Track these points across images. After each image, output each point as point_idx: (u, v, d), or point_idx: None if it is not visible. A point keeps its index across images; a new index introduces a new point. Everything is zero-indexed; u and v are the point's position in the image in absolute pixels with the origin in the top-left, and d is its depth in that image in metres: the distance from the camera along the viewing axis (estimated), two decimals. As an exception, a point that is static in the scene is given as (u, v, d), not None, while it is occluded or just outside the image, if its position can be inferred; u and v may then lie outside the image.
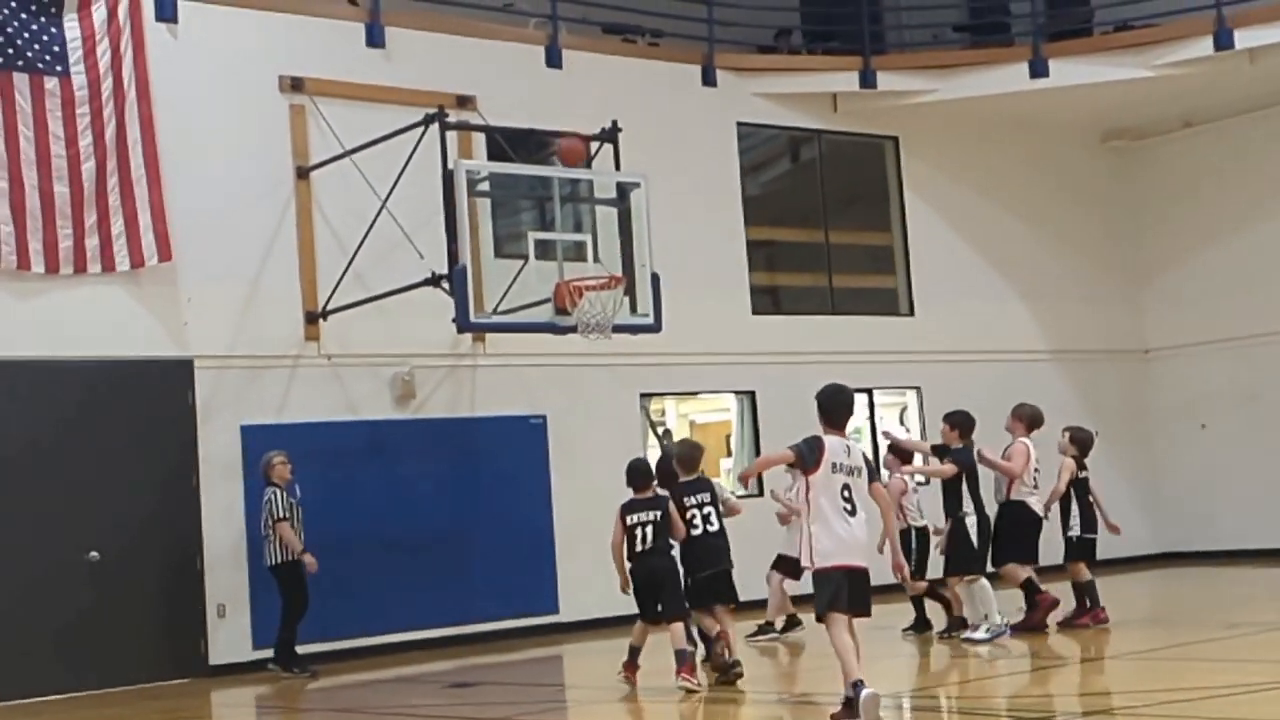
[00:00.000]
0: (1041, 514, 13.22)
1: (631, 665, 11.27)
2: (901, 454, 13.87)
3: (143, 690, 13.63)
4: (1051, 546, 13.54)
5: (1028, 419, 13.50)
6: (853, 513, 8.64)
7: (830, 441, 8.70)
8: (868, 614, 8.89)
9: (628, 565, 11.22)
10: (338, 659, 14.48)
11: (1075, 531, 13.40)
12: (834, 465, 8.61)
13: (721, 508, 11.62)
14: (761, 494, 15.50)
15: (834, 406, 8.90)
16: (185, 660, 14.21)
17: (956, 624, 13.14)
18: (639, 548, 11.14)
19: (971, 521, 12.85)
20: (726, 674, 11.12)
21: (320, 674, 13.86)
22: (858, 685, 8.43)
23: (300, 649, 13.99)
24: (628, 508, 11.26)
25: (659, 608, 11.13)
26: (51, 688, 13.46)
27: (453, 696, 12.31)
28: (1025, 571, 13.09)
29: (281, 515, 13.69)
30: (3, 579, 13.46)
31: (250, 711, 12.92)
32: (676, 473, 11.68)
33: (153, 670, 13.99)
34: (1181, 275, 21.69)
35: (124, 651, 13.89)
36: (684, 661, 10.82)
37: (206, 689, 13.76)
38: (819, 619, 8.72)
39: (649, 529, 11.13)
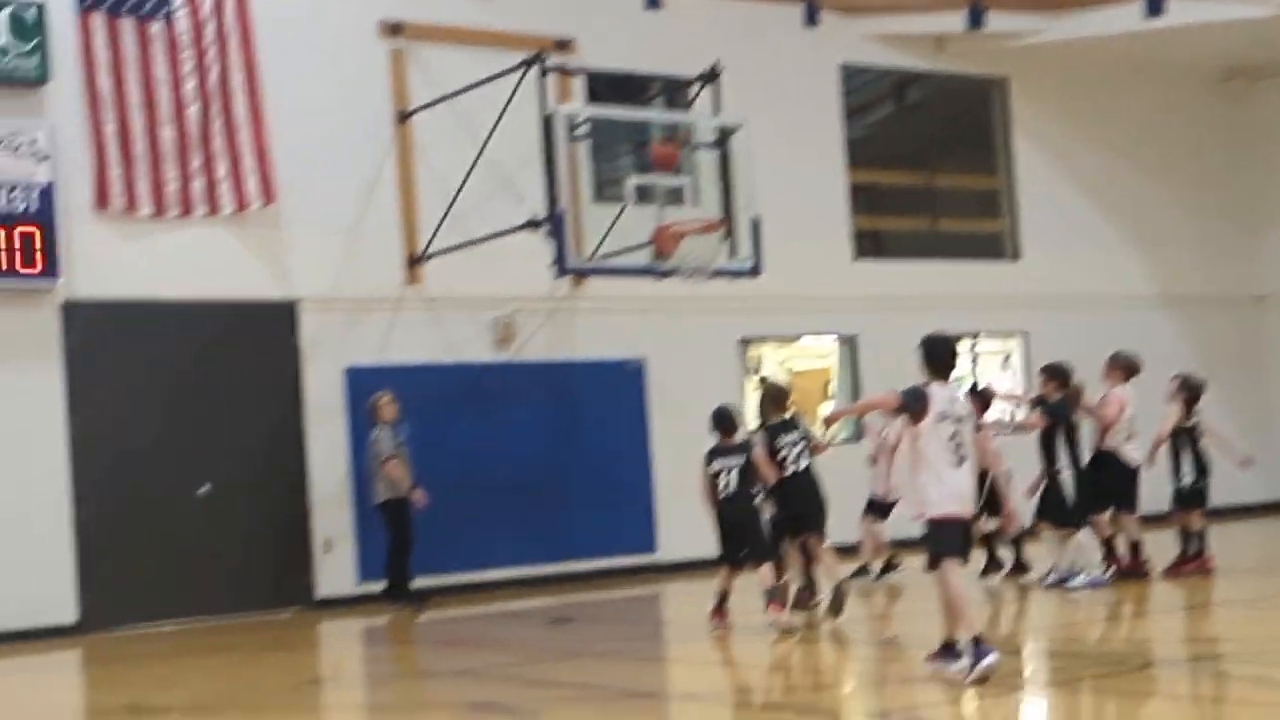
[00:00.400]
0: (1135, 464, 13.02)
1: (719, 611, 11.36)
2: (980, 401, 13.60)
3: (253, 620, 13.96)
4: (1160, 495, 13.34)
5: (1124, 367, 13.28)
6: (961, 461, 8.53)
7: (936, 390, 8.61)
8: (966, 562, 8.85)
9: (714, 510, 11.34)
10: (442, 594, 14.68)
11: (1188, 479, 13.16)
12: (941, 414, 8.49)
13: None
14: (859, 438, 15.40)
15: (939, 355, 8.78)
16: (293, 593, 14.52)
17: (994, 567, 13.32)
18: (723, 493, 11.25)
19: (1066, 476, 12.69)
20: (838, 607, 11.18)
21: (426, 608, 14.09)
22: (979, 643, 8.23)
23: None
24: (711, 454, 11.38)
25: (742, 553, 11.22)
26: (164, 616, 13.83)
27: (553, 631, 12.46)
28: (1109, 527, 12.93)
29: (389, 454, 13.90)
30: (117, 512, 13.83)
31: (358, 642, 13.18)
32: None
33: (261, 602, 14.31)
34: (1298, 220, 21.11)
35: (234, 583, 14.23)
36: (773, 599, 10.92)
37: (314, 621, 14.07)
38: (931, 567, 8.61)
39: (733, 475, 11.24)
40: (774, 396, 11.93)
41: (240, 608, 14.14)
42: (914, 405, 8.52)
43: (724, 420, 11.51)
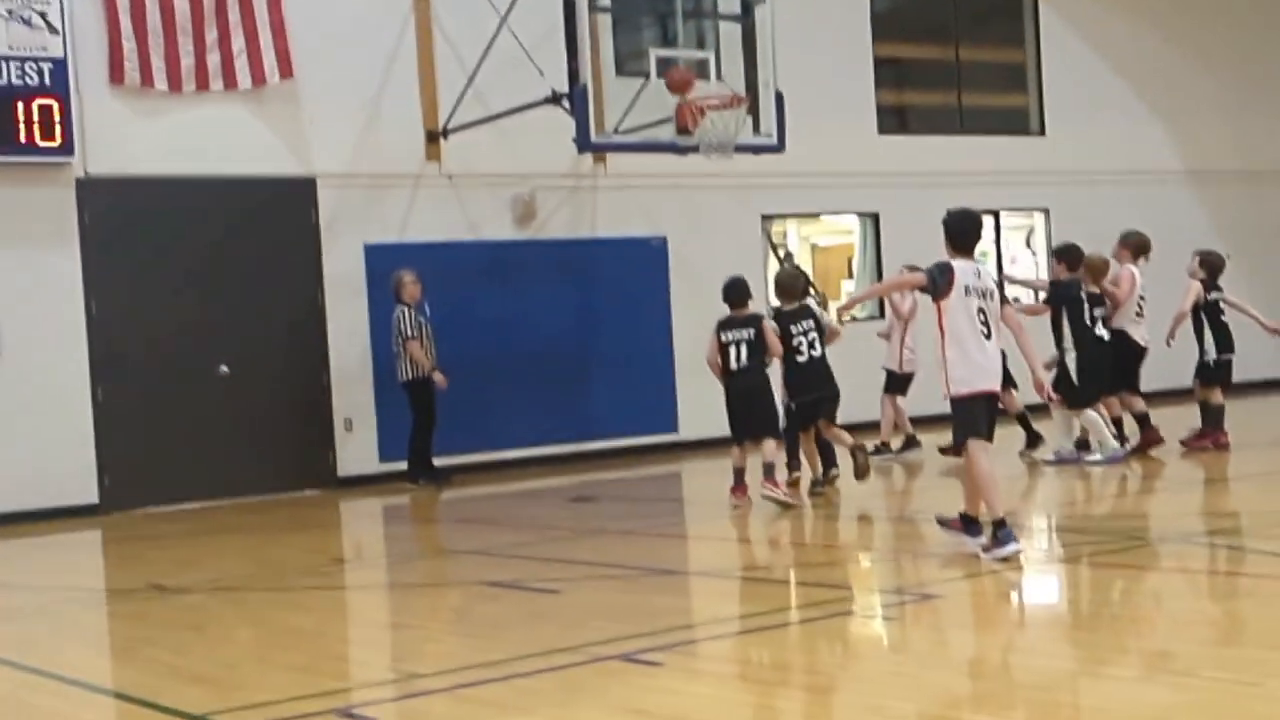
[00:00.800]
0: (1142, 343, 12.96)
1: (739, 487, 11.39)
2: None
3: (274, 500, 14.07)
4: (1182, 369, 13.31)
5: (1134, 246, 13.18)
6: (988, 336, 8.42)
7: (960, 265, 8.46)
8: (990, 440, 8.84)
9: (722, 382, 11.36)
10: (463, 473, 14.77)
11: (1211, 355, 13.13)
12: (966, 288, 8.36)
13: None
14: (882, 313, 15.32)
15: (962, 230, 8.62)
16: (315, 472, 14.61)
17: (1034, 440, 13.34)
18: (733, 366, 11.23)
19: (1071, 358, 12.64)
20: (860, 474, 11.39)
21: (448, 486, 14.19)
22: (1003, 526, 8.21)
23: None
24: (723, 325, 11.34)
25: (750, 428, 11.22)
26: (186, 495, 13.93)
27: (574, 510, 12.55)
28: (1117, 406, 12.93)
29: (411, 334, 13.90)
30: (139, 391, 13.88)
31: (379, 520, 13.29)
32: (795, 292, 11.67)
33: (283, 481, 14.40)
34: (1330, 93, 20.77)
35: (256, 462, 14.31)
36: (770, 475, 11.02)
37: (335, 499, 14.17)
38: (956, 448, 8.58)
39: (743, 347, 11.20)
40: (783, 284, 11.87)
41: (262, 488, 14.22)
42: (940, 280, 8.39)
43: (735, 291, 11.43)
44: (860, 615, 7.65)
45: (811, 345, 11.46)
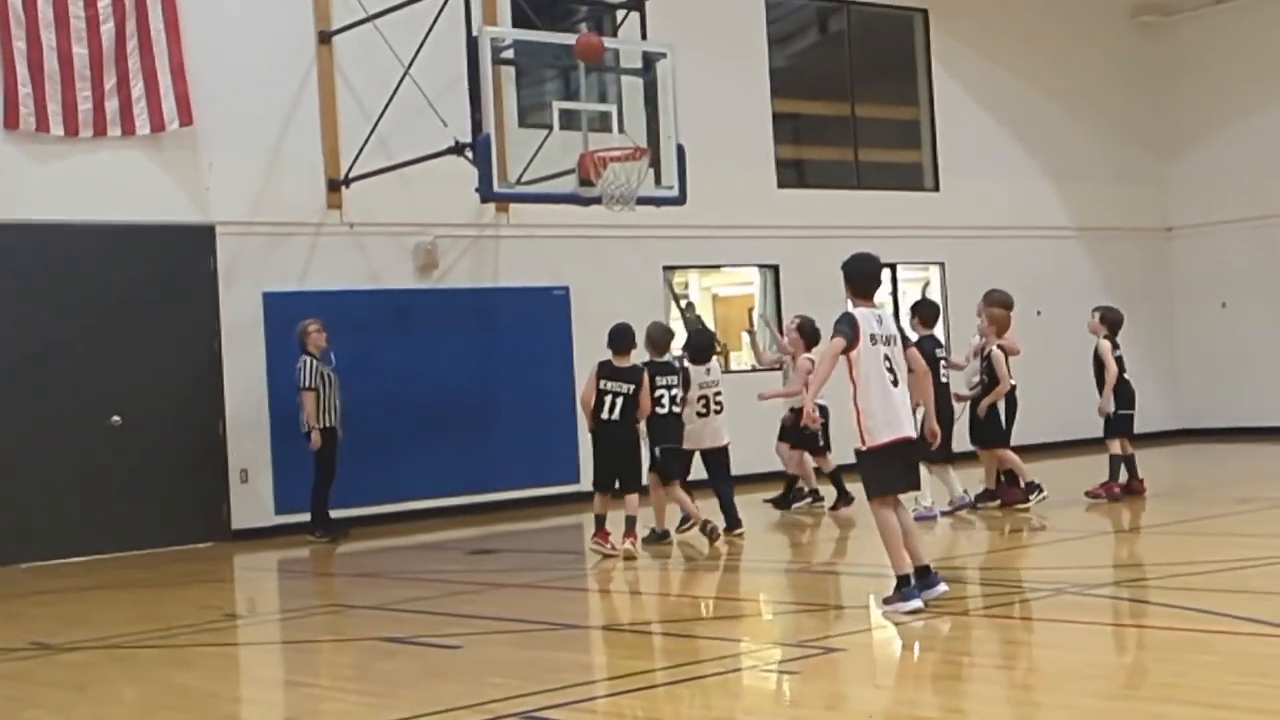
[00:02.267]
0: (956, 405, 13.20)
1: (601, 533, 11.57)
2: (807, 336, 13.69)
3: (165, 553, 13.81)
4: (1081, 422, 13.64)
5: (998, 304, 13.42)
6: (895, 383, 8.43)
7: (861, 313, 8.47)
8: (917, 486, 8.96)
9: (591, 426, 11.59)
10: (361, 525, 14.63)
11: (1111, 408, 13.42)
12: (872, 336, 8.37)
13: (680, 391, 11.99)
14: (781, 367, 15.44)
15: (861, 275, 8.66)
16: (208, 524, 14.39)
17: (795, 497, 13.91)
18: (606, 416, 11.38)
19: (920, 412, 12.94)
20: (710, 536, 11.82)
21: (344, 539, 14.04)
22: (907, 583, 8.29)
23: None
24: (604, 371, 11.48)
25: (616, 483, 11.49)
26: (76, 550, 13.63)
27: (474, 563, 12.47)
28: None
29: (307, 385, 13.77)
30: (28, 442, 13.59)
31: (273, 575, 13.09)
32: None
33: (176, 534, 14.17)
34: (1207, 153, 21.48)
35: (147, 515, 14.06)
36: (631, 529, 11.28)
37: (229, 553, 13.95)
38: (870, 500, 8.60)
39: (620, 400, 11.35)
40: (652, 337, 12.08)
41: (152, 541, 13.98)
42: (849, 333, 8.35)
43: (622, 339, 11.60)
44: (760, 669, 7.68)
45: (674, 400, 11.75)
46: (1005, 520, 12.81)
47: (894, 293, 19.55)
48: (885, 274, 11.84)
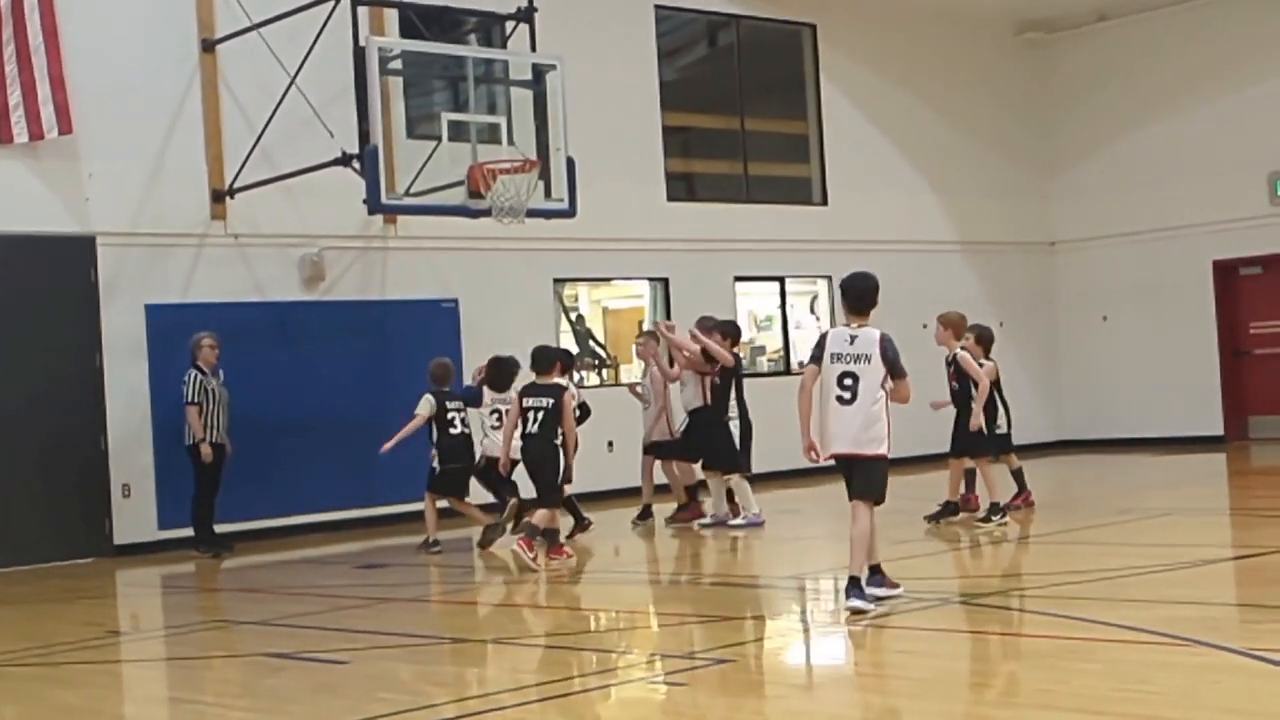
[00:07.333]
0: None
1: (529, 541, 11.53)
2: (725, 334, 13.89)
3: (47, 569, 13.52)
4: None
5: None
6: (848, 401, 8.58)
7: (834, 332, 8.84)
8: (877, 500, 8.80)
9: (517, 445, 11.93)
10: (247, 540, 14.42)
11: (1002, 427, 13.55)
12: (833, 355, 8.67)
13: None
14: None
15: (850, 294, 8.85)
16: (90, 540, 14.11)
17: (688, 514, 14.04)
18: (526, 429, 11.67)
19: (735, 425, 13.44)
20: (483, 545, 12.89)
21: (229, 554, 13.84)
22: (855, 585, 8.58)
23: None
24: (525, 390, 11.80)
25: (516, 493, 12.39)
26: (-50, 567, 13.30)
27: (361, 577, 12.36)
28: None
29: (193, 399, 13.58)
30: (-100, 457, 13.22)
31: (156, 591, 12.86)
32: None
33: (57, 550, 13.88)
34: (1089, 169, 22.00)
35: (27, 530, 13.77)
36: (531, 535, 11.41)
37: (111, 568, 13.69)
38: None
39: (539, 415, 11.58)
40: (432, 371, 13.19)
41: (31, 556, 13.69)
42: (812, 353, 8.81)
43: (543, 359, 11.89)
44: (650, 680, 7.69)
45: (464, 422, 12.96)
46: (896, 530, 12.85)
47: (782, 306, 19.72)
48: (771, 296, 11.93)
